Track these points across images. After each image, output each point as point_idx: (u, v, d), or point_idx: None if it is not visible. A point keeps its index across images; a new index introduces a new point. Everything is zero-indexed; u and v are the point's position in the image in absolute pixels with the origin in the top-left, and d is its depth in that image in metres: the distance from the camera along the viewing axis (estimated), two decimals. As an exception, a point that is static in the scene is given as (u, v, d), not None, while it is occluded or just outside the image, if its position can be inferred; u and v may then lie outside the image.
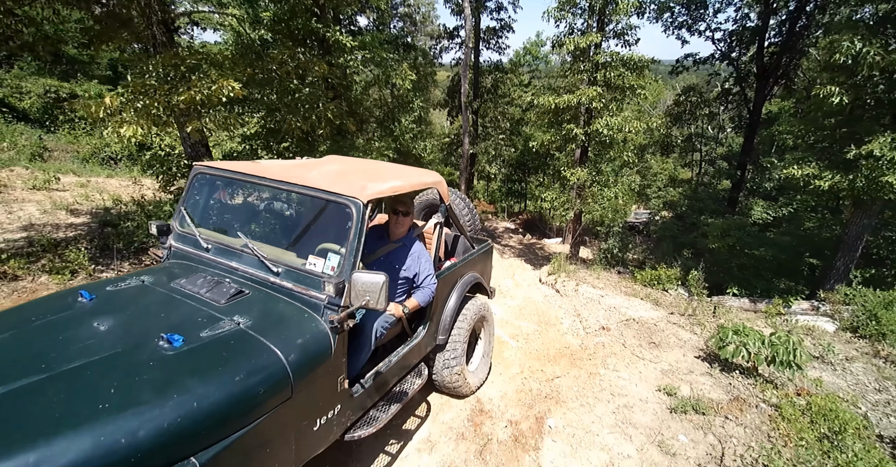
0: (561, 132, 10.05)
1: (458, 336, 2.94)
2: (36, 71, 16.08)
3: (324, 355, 1.81)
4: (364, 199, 1.98)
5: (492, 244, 3.58)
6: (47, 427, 1.20)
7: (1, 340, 1.58)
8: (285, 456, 1.70)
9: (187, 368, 1.49)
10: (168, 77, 3.77)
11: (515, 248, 15.61)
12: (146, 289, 2.00)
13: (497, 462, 2.67)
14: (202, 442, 1.37)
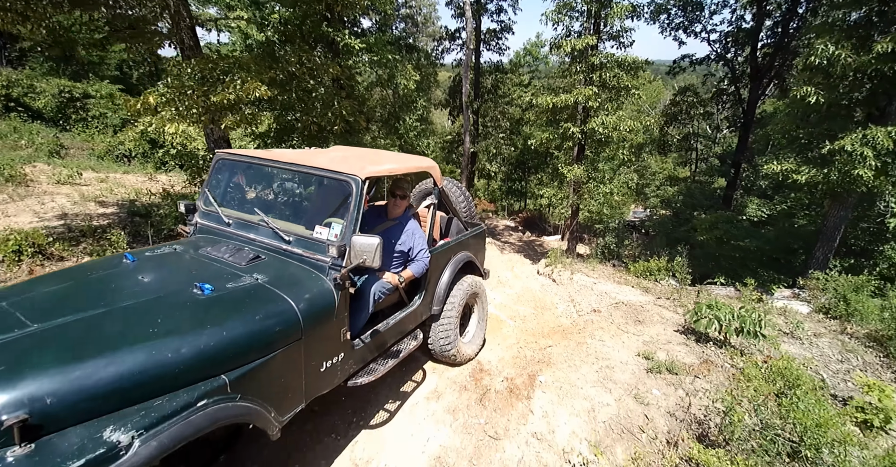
0: (558, 130, 10.48)
1: (451, 308, 3.24)
2: (48, 71, 16.58)
3: (328, 308, 2.14)
4: (362, 176, 2.30)
5: (484, 228, 3.87)
6: (113, 342, 1.55)
7: (66, 286, 1.97)
8: (297, 387, 2.04)
9: (217, 308, 1.84)
10: (204, 79, 4.21)
11: (515, 245, 16.03)
12: (178, 254, 2.37)
13: (494, 406, 3.11)
14: (229, 365, 1.72)
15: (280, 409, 1.96)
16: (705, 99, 18.62)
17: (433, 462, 2.64)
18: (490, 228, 18.56)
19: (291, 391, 2.03)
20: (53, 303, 1.82)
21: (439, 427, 2.92)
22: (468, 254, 3.50)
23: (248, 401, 1.74)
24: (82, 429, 1.35)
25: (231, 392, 1.69)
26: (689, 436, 2.88)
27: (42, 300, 1.84)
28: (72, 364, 1.43)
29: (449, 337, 3.28)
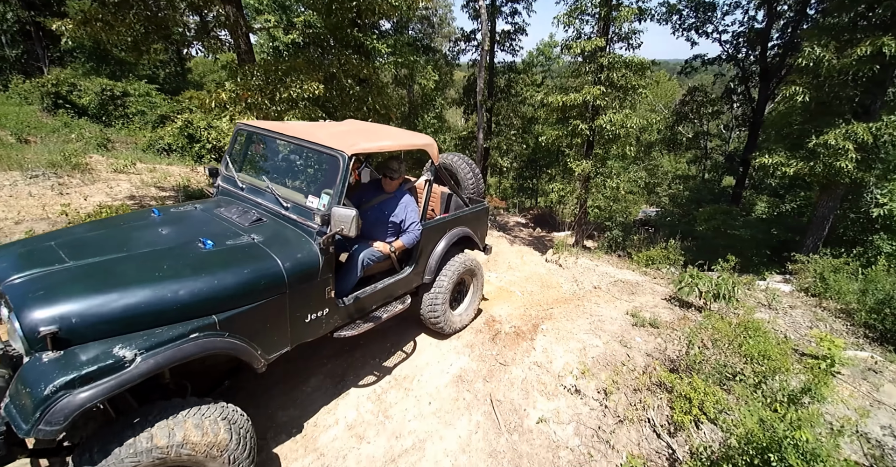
0: (568, 127, 11.12)
1: (443, 280, 3.43)
2: (88, 71, 17.78)
3: (313, 268, 2.40)
4: (349, 152, 2.48)
5: (487, 205, 3.97)
6: (127, 280, 1.93)
7: (102, 232, 2.44)
8: (282, 333, 2.37)
9: (213, 260, 2.17)
10: (267, 80, 5.03)
11: (525, 239, 16.66)
12: (196, 212, 2.74)
13: (503, 344, 3.85)
14: (219, 307, 2.04)
15: (266, 349, 2.28)
16: (715, 98, 18.97)
17: (456, 378, 3.39)
18: (501, 224, 19.21)
19: (277, 335, 2.34)
20: (89, 245, 2.25)
21: (459, 356, 3.66)
22: (465, 229, 3.62)
23: (234, 339, 2.07)
24: (98, 345, 1.73)
25: (220, 329, 2.02)
26: (661, 368, 3.57)
27: (81, 242, 2.28)
28: (94, 294, 1.83)
29: (437, 307, 3.46)
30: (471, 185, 4.17)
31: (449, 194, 3.87)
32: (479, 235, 3.89)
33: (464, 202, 3.80)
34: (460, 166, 4.17)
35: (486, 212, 3.99)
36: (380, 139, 2.91)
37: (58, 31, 5.35)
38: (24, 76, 16.89)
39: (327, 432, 2.77)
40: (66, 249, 2.17)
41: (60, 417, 1.54)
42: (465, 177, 4.15)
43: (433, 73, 8.31)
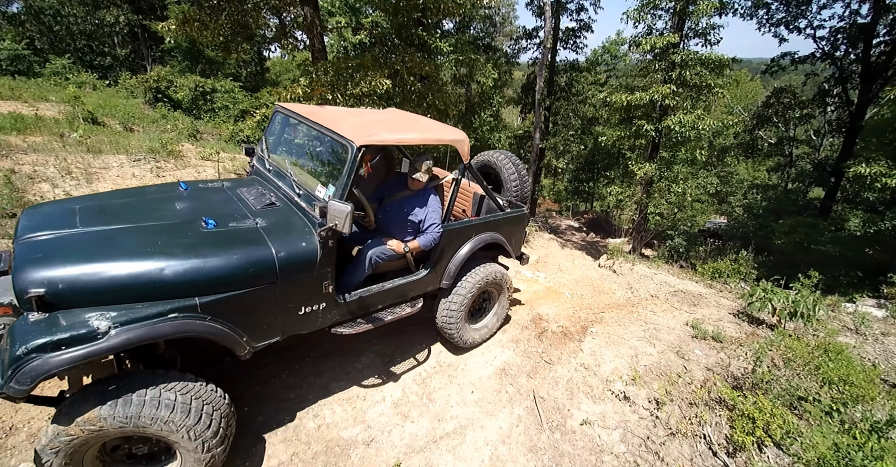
0: (631, 128, 10.60)
1: (463, 288, 3.14)
2: (183, 69, 19.84)
3: (309, 261, 2.26)
4: (357, 143, 2.30)
5: (525, 211, 3.57)
6: (119, 252, 1.94)
7: (126, 200, 2.47)
8: (272, 322, 2.26)
9: (208, 242, 2.11)
10: (339, 76, 5.36)
11: (577, 243, 16.16)
12: (221, 190, 2.70)
13: (550, 342, 3.79)
14: (202, 291, 1.97)
15: (253, 336, 2.20)
16: (805, 100, 17.10)
17: (499, 371, 3.40)
18: (552, 227, 18.77)
19: (266, 324, 2.24)
20: (106, 212, 2.28)
21: (504, 350, 3.66)
22: (496, 235, 3.29)
23: (217, 323, 2.01)
24: (79, 313, 1.75)
25: (201, 312, 1.96)
26: (722, 384, 3.33)
27: (101, 208, 2.32)
28: (86, 262, 1.85)
29: (453, 316, 3.18)
30: (514, 187, 3.83)
31: (481, 196, 3.56)
32: (513, 243, 3.53)
33: (497, 205, 3.41)
34: (505, 165, 3.86)
35: (524, 219, 3.58)
36: (403, 132, 2.72)
37: (161, 31, 6.05)
38: (131, 73, 19.24)
39: (375, 407, 2.91)
40: (84, 214, 2.23)
41: (28, 379, 1.58)
42: (508, 178, 3.83)
43: (492, 71, 8.31)
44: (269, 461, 2.46)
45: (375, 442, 2.66)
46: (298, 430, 2.67)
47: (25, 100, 11.30)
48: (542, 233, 16.44)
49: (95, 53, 22.31)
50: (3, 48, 17.04)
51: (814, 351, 3.67)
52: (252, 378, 2.99)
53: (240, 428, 2.58)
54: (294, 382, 3.02)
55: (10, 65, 16.94)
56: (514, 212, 3.48)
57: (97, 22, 21.83)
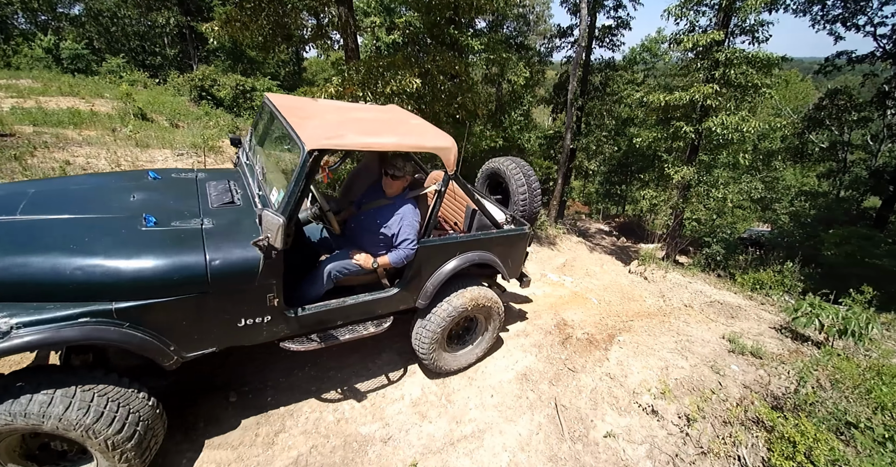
0: (669, 129, 10.18)
1: (442, 311, 2.82)
2: (226, 68, 20.73)
3: (248, 271, 2.02)
4: (308, 147, 2.01)
5: (527, 231, 3.16)
6: (38, 247, 1.79)
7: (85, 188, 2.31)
8: (205, 333, 2.06)
9: (137, 242, 1.92)
10: (369, 75, 5.44)
11: (607, 248, 15.72)
12: (190, 182, 2.52)
13: (574, 349, 3.68)
14: (120, 295, 1.80)
15: (183, 346, 2.02)
16: (863, 103, 15.90)
17: (520, 376, 3.33)
18: (581, 230, 18.34)
19: (198, 334, 2.05)
20: (56, 199, 2.17)
21: (526, 355, 3.58)
22: (487, 254, 2.92)
23: (137, 331, 1.84)
24: None
25: (117, 318, 1.79)
26: (760, 403, 3.12)
27: (54, 195, 2.22)
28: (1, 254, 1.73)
29: (427, 339, 2.86)
30: (521, 200, 3.43)
31: (473, 210, 3.11)
32: (510, 264, 3.14)
33: (492, 222, 3.00)
34: (514, 175, 3.46)
35: (523, 238, 3.17)
36: (378, 135, 2.38)
37: (206, 32, 6.32)
38: (179, 72, 20.26)
39: (393, 405, 2.91)
40: (32, 199, 2.14)
41: None
42: (515, 189, 3.45)
43: (524, 70, 8.18)
44: (289, 451, 2.50)
45: (393, 440, 2.66)
46: (318, 423, 2.70)
47: (83, 96, 12.10)
48: (570, 235, 16.08)
49: (147, 53, 23.68)
50: (65, 48, 18.37)
51: (865, 372, 3.38)
52: (276, 368, 3.06)
53: (264, 417, 2.64)
54: (316, 375, 3.06)
55: (71, 63, 18.23)
56: (510, 231, 3.05)
57: (149, 23, 23.16)
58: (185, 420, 2.53)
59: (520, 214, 3.44)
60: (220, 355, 2.34)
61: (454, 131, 9.34)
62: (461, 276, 2.94)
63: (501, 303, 3.14)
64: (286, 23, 6.59)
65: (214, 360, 2.78)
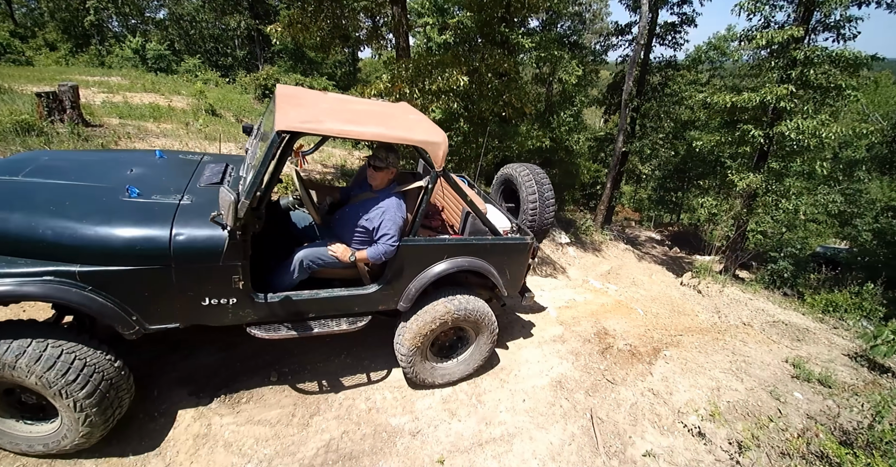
0: (735, 133, 9.44)
1: (420, 319, 2.68)
2: (288, 68, 21.93)
3: (211, 249, 2.03)
4: (278, 127, 2.02)
5: (529, 241, 2.89)
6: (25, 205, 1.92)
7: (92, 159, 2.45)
8: (167, 307, 2.09)
9: (113, 210, 2.01)
10: (418, 73, 5.53)
11: (657, 258, 14.92)
12: (191, 163, 2.61)
13: (615, 360, 3.50)
14: (83, 259, 1.87)
15: (146, 317, 2.06)
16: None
17: (555, 382, 3.22)
18: (629, 237, 17.52)
19: (161, 308, 2.09)
20: (64, 168, 2.33)
21: (562, 362, 3.46)
22: (477, 262, 2.73)
23: (98, 295, 1.90)
24: None
25: (79, 281, 1.87)
26: (827, 436, 2.80)
27: (65, 163, 2.39)
28: None
29: (405, 346, 2.73)
30: (530, 210, 3.19)
31: (466, 213, 2.90)
32: (507, 275, 2.90)
33: (489, 228, 2.81)
34: (525, 182, 3.24)
35: (523, 249, 2.90)
36: (361, 125, 2.31)
37: (270, 34, 6.70)
38: (247, 71, 21.69)
39: (423, 399, 2.92)
40: (41, 165, 2.32)
41: None
42: (525, 197, 3.22)
43: (577, 69, 7.92)
44: (321, 434, 2.57)
45: (421, 435, 2.67)
46: (350, 410, 2.76)
47: (162, 93, 13.28)
48: (617, 242, 15.41)
49: (220, 54, 25.60)
50: (149, 49, 20.28)
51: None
52: (315, 353, 3.17)
53: (300, 399, 2.74)
54: (351, 363, 3.14)
55: (154, 63, 20.09)
56: (507, 239, 2.82)
57: (223, 27, 25.02)
58: (231, 395, 2.69)
59: (528, 225, 3.21)
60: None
61: (500, 130, 9.24)
62: (455, 284, 2.83)
63: (493, 318, 2.89)
64: (344, 24, 6.84)
65: (260, 341, 2.92)
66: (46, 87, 8.75)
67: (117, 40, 22.61)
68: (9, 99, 8.20)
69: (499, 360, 3.42)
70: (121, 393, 2.10)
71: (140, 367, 2.70)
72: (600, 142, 17.19)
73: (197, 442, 2.35)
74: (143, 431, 2.34)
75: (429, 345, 2.83)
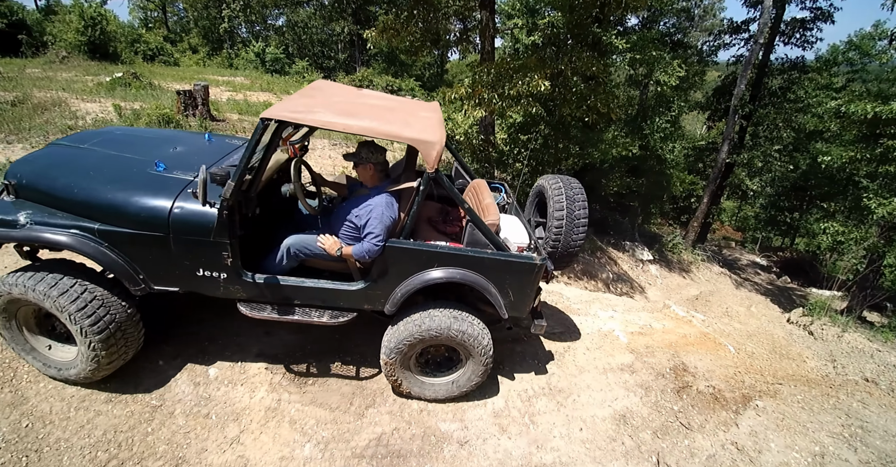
0: (875, 149, 7.87)
1: (399, 331, 2.59)
2: (381, 70, 23.24)
3: (203, 226, 2.23)
4: (263, 115, 2.18)
5: (536, 262, 2.54)
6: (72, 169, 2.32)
7: (151, 137, 2.85)
8: (168, 271, 2.36)
9: (136, 181, 2.30)
10: (498, 77, 5.49)
11: (760, 286, 13.13)
12: (228, 146, 2.86)
13: (692, 402, 3.12)
14: (100, 218, 2.19)
15: (151, 277, 2.35)
16: None
17: (618, 416, 2.96)
18: (727, 260, 15.60)
19: (162, 270, 2.35)
20: (121, 141, 2.72)
21: (629, 394, 3.18)
22: (472, 276, 2.52)
23: (111, 252, 2.22)
24: (24, 203, 2.24)
25: (98, 237, 2.20)
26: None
27: (128, 137, 2.83)
28: (47, 169, 2.33)
29: (387, 352, 2.63)
30: (555, 227, 2.84)
31: (467, 221, 2.66)
32: (510, 296, 2.62)
33: (489, 239, 2.54)
34: (555, 197, 2.90)
35: (529, 270, 2.57)
36: (354, 119, 2.31)
37: (366, 38, 7.13)
38: (346, 73, 23.41)
39: (475, 410, 2.88)
40: (107, 138, 2.73)
41: None
42: (552, 214, 2.88)
43: (678, 70, 7.19)
44: (374, 427, 2.65)
45: (469, 445, 2.63)
46: (403, 408, 2.82)
47: (275, 92, 14.87)
48: (711, 265, 13.83)
49: (325, 57, 27.98)
50: (268, 52, 22.85)
51: None
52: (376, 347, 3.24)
53: (359, 389, 2.85)
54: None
55: (271, 65, 22.58)
56: (510, 255, 2.54)
57: (329, 32, 27.30)
58: (300, 375, 2.89)
59: (551, 244, 2.87)
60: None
61: (582, 136, 8.77)
62: (459, 299, 2.71)
63: (484, 344, 2.62)
64: (435, 28, 7.03)
65: (329, 327, 3.09)
66: (185, 85, 10.30)
67: (243, 45, 25.86)
68: (156, 94, 9.82)
69: (559, 381, 3.25)
70: (128, 336, 2.40)
71: (227, 340, 3.05)
72: (699, 152, 15.48)
73: (267, 414, 2.58)
74: (227, 397, 2.63)
75: (414, 356, 2.71)
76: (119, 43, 16.91)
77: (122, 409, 2.44)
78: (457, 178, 3.28)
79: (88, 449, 2.20)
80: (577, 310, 4.57)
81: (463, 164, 3.26)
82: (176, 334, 2.97)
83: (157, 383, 2.62)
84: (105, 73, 12.10)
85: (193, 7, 26.88)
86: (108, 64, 14.61)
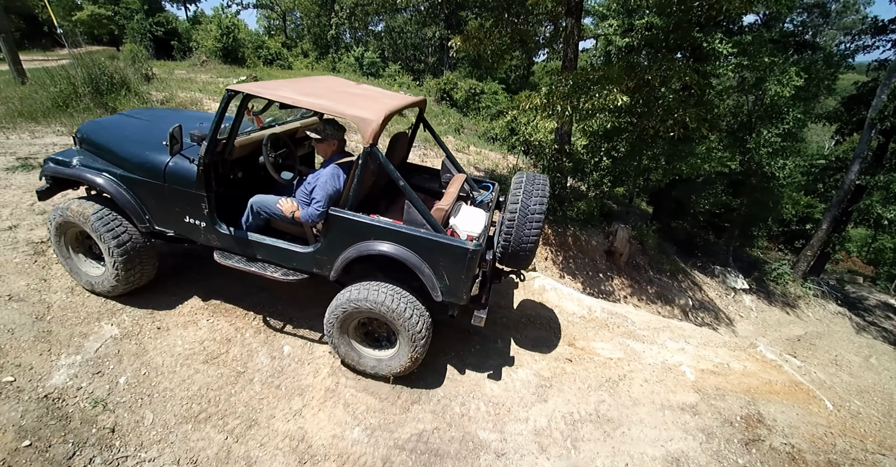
0: None
1: (344, 295, 2.74)
2: (465, 74, 23.64)
3: (186, 179, 2.74)
4: (229, 87, 2.65)
5: (469, 248, 2.52)
6: (119, 132, 3.03)
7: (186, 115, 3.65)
8: (165, 215, 2.91)
9: (151, 143, 2.85)
10: (576, 87, 5.33)
11: (889, 334, 11.03)
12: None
13: (762, 458, 2.81)
14: (123, 166, 2.84)
15: (154, 218, 2.94)
16: None
17: (671, 459, 2.78)
18: (849, 298, 13.26)
19: (161, 214, 2.92)
20: (163, 116, 3.46)
21: (686, 436, 2.95)
22: (405, 252, 2.60)
23: (126, 194, 2.86)
24: (83, 152, 2.98)
25: (120, 181, 2.86)
26: None
27: (166, 114, 3.60)
28: (103, 129, 3.06)
29: (328, 319, 2.83)
30: (507, 224, 2.75)
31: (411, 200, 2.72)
32: (444, 278, 2.64)
33: (426, 220, 2.60)
34: (513, 190, 2.83)
35: (457, 254, 2.55)
36: (309, 97, 2.64)
37: (450, 45, 7.37)
38: (433, 76, 24.26)
39: (516, 424, 2.91)
40: (159, 114, 3.57)
41: (46, 172, 2.96)
42: (507, 207, 2.80)
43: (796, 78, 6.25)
44: (416, 423, 2.81)
45: (506, 458, 2.68)
46: (446, 409, 2.95)
47: (367, 95, 15.88)
48: (826, 301, 11.95)
49: (416, 61, 29.28)
50: (366, 56, 24.61)
51: None
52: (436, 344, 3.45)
53: (408, 383, 3.02)
54: (456, 364, 3.31)
55: (368, 68, 24.27)
56: (438, 236, 2.56)
57: (422, 36, 28.49)
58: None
59: (503, 239, 2.79)
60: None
61: (668, 149, 8.06)
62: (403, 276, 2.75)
63: (415, 323, 2.67)
64: (524, 30, 7.05)
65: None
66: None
67: (346, 49, 28.09)
68: (269, 98, 11.12)
69: (609, 410, 3.14)
70: (143, 263, 3.06)
71: (301, 322, 3.43)
72: (822, 172, 13.26)
73: (326, 394, 2.88)
74: (296, 373, 3.00)
75: (353, 326, 2.86)
76: (246, 48, 19.44)
77: (215, 370, 2.90)
78: (444, 172, 3.49)
79: (186, 401, 2.67)
80: (642, 336, 4.31)
81: (452, 159, 3.47)
82: (262, 312, 3.44)
83: (243, 353, 3.06)
84: (234, 75, 14.02)
85: (307, 16, 29.88)
86: (237, 67, 16.89)
